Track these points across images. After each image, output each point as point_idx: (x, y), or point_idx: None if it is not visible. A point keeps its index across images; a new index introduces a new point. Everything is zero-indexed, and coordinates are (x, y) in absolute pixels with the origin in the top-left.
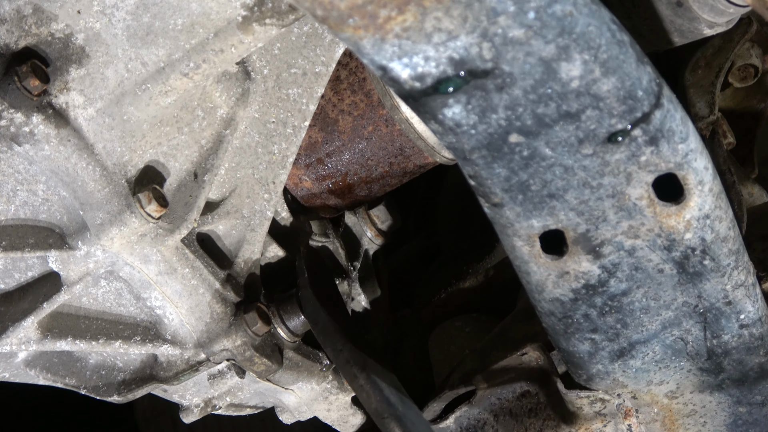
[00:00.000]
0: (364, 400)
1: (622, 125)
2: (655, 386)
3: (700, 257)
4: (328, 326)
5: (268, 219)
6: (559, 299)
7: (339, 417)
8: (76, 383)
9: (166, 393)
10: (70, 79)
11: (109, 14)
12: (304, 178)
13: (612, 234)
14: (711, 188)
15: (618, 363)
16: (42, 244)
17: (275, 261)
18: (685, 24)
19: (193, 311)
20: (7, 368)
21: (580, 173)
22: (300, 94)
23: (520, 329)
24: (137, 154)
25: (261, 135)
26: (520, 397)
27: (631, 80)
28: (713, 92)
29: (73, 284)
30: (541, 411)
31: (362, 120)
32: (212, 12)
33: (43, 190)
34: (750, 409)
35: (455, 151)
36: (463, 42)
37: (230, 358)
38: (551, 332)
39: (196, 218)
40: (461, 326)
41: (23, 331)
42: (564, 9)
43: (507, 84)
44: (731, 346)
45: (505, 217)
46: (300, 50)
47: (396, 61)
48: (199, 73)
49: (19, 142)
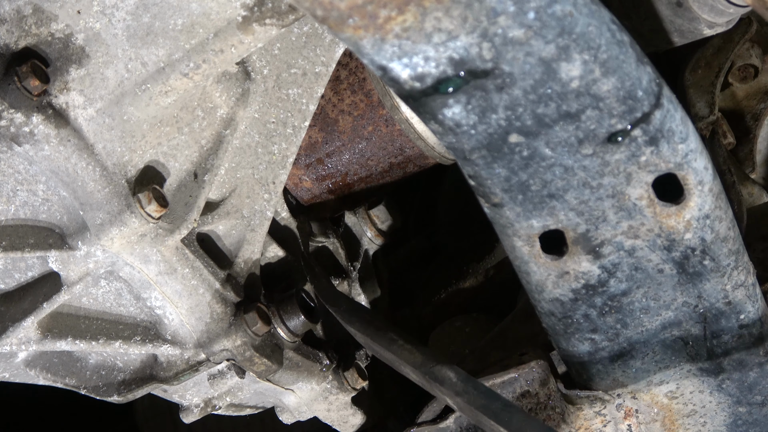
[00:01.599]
0: (407, 358)
1: (622, 125)
2: (655, 386)
3: (700, 257)
4: (353, 304)
5: (268, 219)
6: (559, 299)
7: (339, 417)
8: (76, 383)
9: (166, 393)
10: (70, 79)
11: (109, 14)
12: (304, 178)
13: (612, 234)
14: (711, 188)
15: (618, 363)
16: (42, 244)
17: (275, 261)
18: (685, 24)
19: (193, 311)
20: (7, 368)
21: (580, 173)
22: (300, 94)
23: (520, 329)
24: (137, 154)
25: (261, 135)
26: (520, 397)
27: (631, 80)
28: (713, 92)
29: (73, 284)
30: (541, 411)
31: (362, 120)
32: (212, 12)
33: (43, 190)
34: (750, 409)
35: (455, 151)
36: (463, 42)
37: (230, 358)
38: (551, 332)
39: (196, 218)
40: (461, 326)
41: (23, 331)
42: (564, 9)
43: (507, 84)
44: (731, 346)
45: (505, 217)
46: (300, 50)
47: (396, 61)
48: (199, 74)
49: (19, 142)
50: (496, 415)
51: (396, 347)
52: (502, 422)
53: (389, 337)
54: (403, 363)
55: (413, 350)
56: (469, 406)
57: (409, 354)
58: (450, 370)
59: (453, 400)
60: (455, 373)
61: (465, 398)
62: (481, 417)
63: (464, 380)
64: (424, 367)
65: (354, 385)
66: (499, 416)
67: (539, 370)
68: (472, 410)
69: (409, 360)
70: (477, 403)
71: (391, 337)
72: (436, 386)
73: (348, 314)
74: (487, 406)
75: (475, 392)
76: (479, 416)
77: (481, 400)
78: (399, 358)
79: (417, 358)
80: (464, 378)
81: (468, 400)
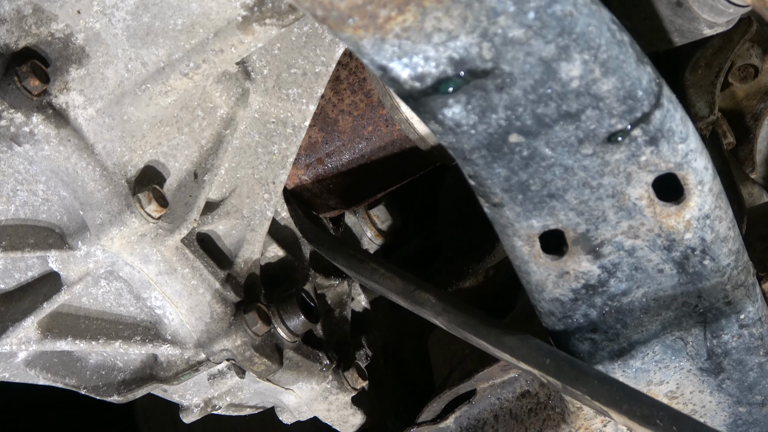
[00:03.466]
0: (389, 285)
1: (622, 125)
2: (655, 386)
3: (700, 257)
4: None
5: (268, 219)
6: (559, 299)
7: (339, 417)
8: (76, 383)
9: (166, 393)
10: (70, 79)
11: (109, 14)
12: (304, 178)
13: (612, 234)
14: (711, 188)
15: (618, 363)
16: (42, 244)
17: (275, 261)
18: (685, 24)
19: (193, 311)
20: (7, 368)
21: (580, 173)
22: (300, 94)
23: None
24: (137, 154)
25: (261, 135)
26: (520, 397)
27: (631, 80)
28: (713, 92)
29: (73, 284)
30: (541, 411)
31: (362, 120)
32: (212, 12)
33: (43, 190)
34: (750, 409)
35: (455, 151)
36: (463, 42)
37: (230, 358)
38: (551, 332)
39: (196, 218)
40: None
41: (23, 331)
42: (564, 9)
43: (507, 84)
44: (731, 346)
45: (505, 217)
46: (300, 50)
47: (396, 61)
48: (199, 73)
49: (19, 142)
50: (475, 329)
51: (378, 276)
52: (481, 335)
53: (371, 267)
54: (386, 290)
55: (394, 277)
56: (450, 324)
57: (390, 281)
58: (429, 293)
59: (436, 320)
60: (434, 295)
61: (446, 317)
62: (461, 332)
63: (443, 300)
64: (406, 293)
65: (354, 385)
66: (478, 330)
67: None
68: (454, 327)
69: (392, 287)
70: (457, 320)
71: (372, 267)
72: (418, 308)
73: (331, 251)
74: (467, 322)
75: (454, 311)
76: (461, 332)
77: (460, 317)
78: (382, 287)
79: (398, 284)
80: (443, 297)
81: (449, 318)
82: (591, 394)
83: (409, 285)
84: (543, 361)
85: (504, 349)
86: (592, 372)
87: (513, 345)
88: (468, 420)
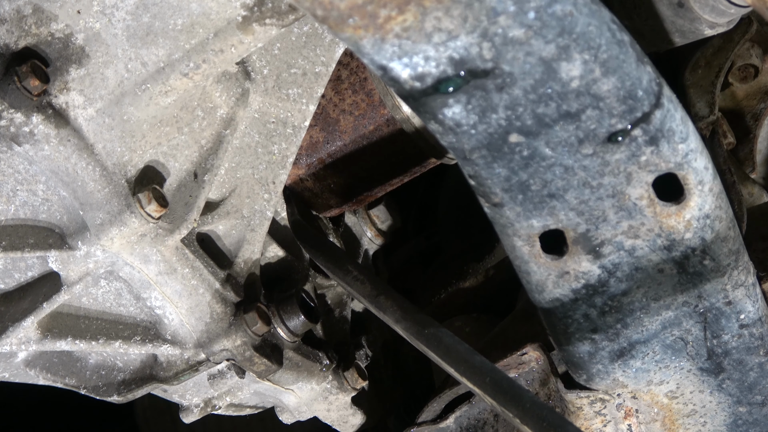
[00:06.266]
0: (358, 288)
1: (622, 125)
2: (655, 386)
3: (700, 257)
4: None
5: (268, 219)
6: (559, 299)
7: (339, 417)
8: (76, 383)
9: (166, 393)
10: (70, 79)
11: (109, 14)
12: (305, 178)
13: (612, 234)
14: (711, 188)
15: (618, 363)
16: (42, 244)
17: (275, 261)
18: (686, 24)
19: (193, 311)
20: (7, 368)
21: (580, 173)
22: (300, 94)
23: (520, 329)
24: (137, 154)
25: (261, 135)
26: None
27: (631, 80)
28: (713, 92)
29: (73, 284)
30: None
31: (364, 120)
32: (212, 12)
33: (43, 190)
34: (750, 409)
35: (455, 151)
36: (463, 42)
37: (230, 358)
38: (551, 332)
39: (196, 218)
40: (461, 326)
41: (23, 331)
42: (564, 9)
43: (507, 84)
44: (731, 346)
45: (505, 217)
46: (300, 50)
47: (396, 61)
48: (199, 73)
49: (19, 142)
50: (426, 340)
51: (350, 279)
52: (431, 347)
53: (345, 269)
54: (356, 293)
55: (364, 281)
56: (407, 333)
57: (360, 285)
58: (391, 300)
59: (395, 327)
60: (395, 303)
61: (402, 325)
62: (416, 342)
63: (402, 308)
64: (371, 297)
65: (354, 385)
66: (429, 341)
67: (539, 370)
68: (411, 337)
69: (360, 290)
70: (412, 330)
71: (346, 269)
72: (381, 314)
73: (314, 249)
74: (420, 332)
75: (410, 320)
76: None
77: (415, 327)
78: (353, 289)
79: (366, 288)
80: (402, 306)
81: (405, 326)
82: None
83: (374, 290)
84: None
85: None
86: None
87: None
88: (468, 420)
